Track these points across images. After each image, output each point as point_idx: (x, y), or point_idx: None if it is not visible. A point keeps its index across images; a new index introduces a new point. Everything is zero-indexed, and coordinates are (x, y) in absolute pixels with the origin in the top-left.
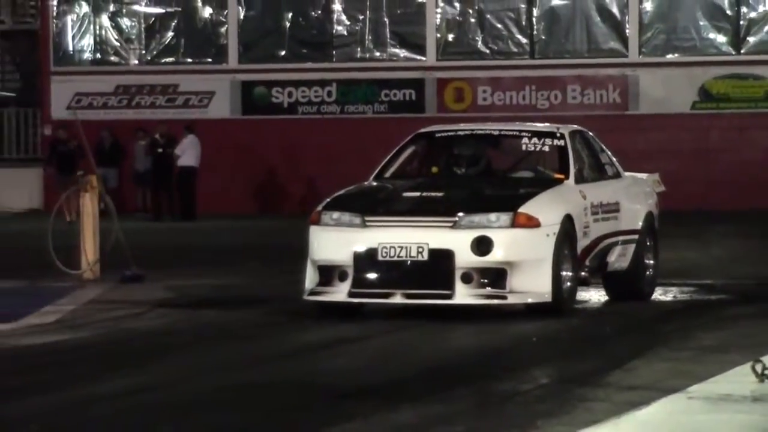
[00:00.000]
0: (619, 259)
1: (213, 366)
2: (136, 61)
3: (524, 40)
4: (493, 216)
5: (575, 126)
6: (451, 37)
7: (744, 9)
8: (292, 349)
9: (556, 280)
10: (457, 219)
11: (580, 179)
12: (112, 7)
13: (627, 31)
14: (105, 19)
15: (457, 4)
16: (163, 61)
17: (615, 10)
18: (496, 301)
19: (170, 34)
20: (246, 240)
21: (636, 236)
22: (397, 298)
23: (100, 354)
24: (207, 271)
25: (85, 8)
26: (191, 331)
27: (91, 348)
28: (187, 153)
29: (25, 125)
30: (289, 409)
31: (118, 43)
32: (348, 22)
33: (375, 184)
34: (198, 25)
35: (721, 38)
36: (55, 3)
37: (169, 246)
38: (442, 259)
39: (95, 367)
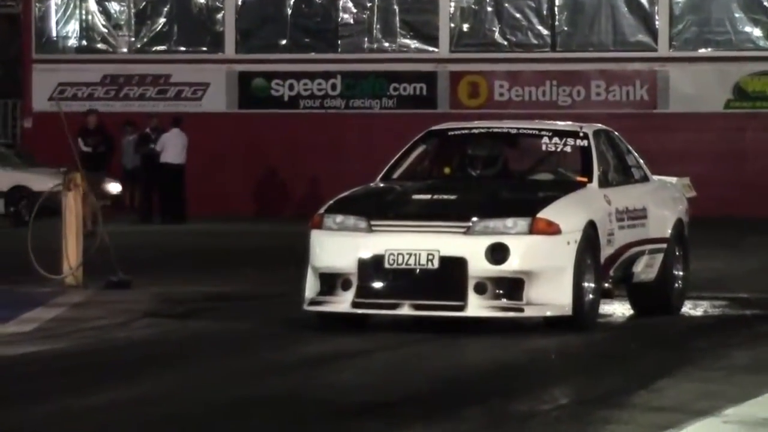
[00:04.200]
0: (645, 269)
1: (206, 380)
2: (125, 50)
3: (545, 32)
4: (509, 221)
5: (599, 125)
6: (465, 27)
7: None
8: (291, 362)
9: (578, 291)
10: (470, 224)
11: (604, 183)
12: None
13: (656, 23)
14: (92, 4)
15: None
16: (154, 49)
17: None
18: (512, 314)
19: (162, 20)
20: (242, 244)
21: (664, 245)
22: (405, 310)
23: (82, 366)
24: (199, 278)
25: None
26: (182, 343)
27: (72, 359)
28: (169, 149)
29: (4, 117)
30: (288, 427)
31: (105, 30)
32: (355, 10)
33: (382, 185)
34: (192, 11)
35: (757, 32)
36: None
37: (159, 250)
38: (454, 267)
39: (77, 380)
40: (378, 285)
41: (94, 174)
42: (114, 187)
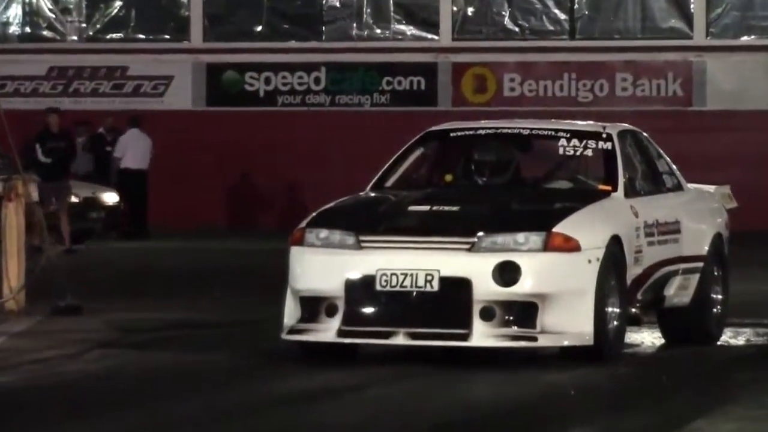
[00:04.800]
0: (679, 292)
1: (170, 421)
2: (75, 38)
3: (563, 16)
4: (521, 236)
5: (625, 125)
6: (470, 11)
7: None
8: (269, 400)
9: (600, 317)
10: (475, 240)
11: (631, 192)
12: None
13: (691, 6)
14: None
15: None
16: (108, 37)
17: None
18: (523, 344)
19: (118, 4)
20: (211, 263)
21: (700, 264)
22: (400, 339)
23: (30, 403)
24: (161, 303)
25: None
26: (141, 378)
27: (18, 395)
28: (129, 152)
29: None
30: None
31: (52, 15)
32: None
33: (373, 195)
34: None
35: None
36: None
37: (115, 270)
38: (457, 289)
39: (26, 418)
40: (368, 310)
41: (56, 184)
42: (110, 197)
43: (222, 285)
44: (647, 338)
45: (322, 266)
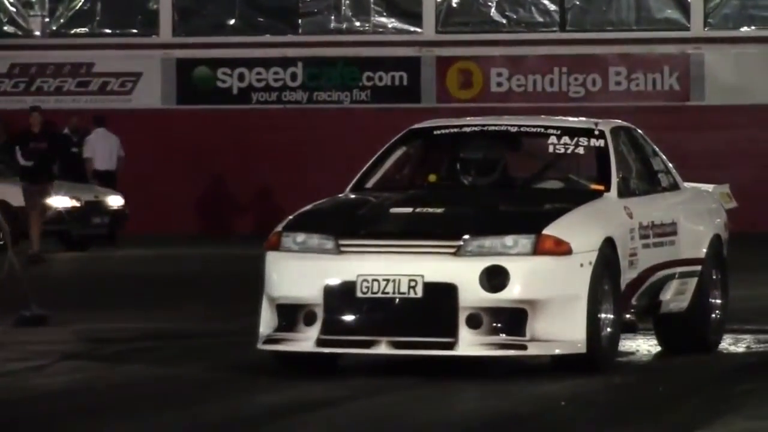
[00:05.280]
0: (676, 297)
1: None
2: (38, 33)
3: (553, 7)
4: (509, 239)
5: (619, 121)
6: (455, 2)
7: None
8: (244, 414)
9: (593, 324)
10: (461, 243)
11: (624, 192)
12: None
13: None
14: None
15: None
16: (73, 32)
17: None
18: (512, 352)
19: None
20: (183, 270)
21: (698, 267)
22: (382, 348)
23: None
24: (131, 312)
25: None
26: (111, 392)
27: None
28: (98, 153)
29: None
30: None
31: (13, 9)
32: None
33: (353, 196)
34: None
35: None
36: None
37: (82, 278)
38: (442, 296)
39: None
40: (349, 318)
41: (40, 187)
42: (114, 200)
43: (194, 294)
44: (643, 346)
45: (300, 272)
